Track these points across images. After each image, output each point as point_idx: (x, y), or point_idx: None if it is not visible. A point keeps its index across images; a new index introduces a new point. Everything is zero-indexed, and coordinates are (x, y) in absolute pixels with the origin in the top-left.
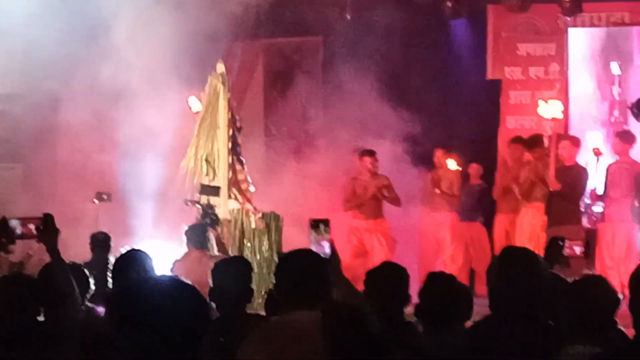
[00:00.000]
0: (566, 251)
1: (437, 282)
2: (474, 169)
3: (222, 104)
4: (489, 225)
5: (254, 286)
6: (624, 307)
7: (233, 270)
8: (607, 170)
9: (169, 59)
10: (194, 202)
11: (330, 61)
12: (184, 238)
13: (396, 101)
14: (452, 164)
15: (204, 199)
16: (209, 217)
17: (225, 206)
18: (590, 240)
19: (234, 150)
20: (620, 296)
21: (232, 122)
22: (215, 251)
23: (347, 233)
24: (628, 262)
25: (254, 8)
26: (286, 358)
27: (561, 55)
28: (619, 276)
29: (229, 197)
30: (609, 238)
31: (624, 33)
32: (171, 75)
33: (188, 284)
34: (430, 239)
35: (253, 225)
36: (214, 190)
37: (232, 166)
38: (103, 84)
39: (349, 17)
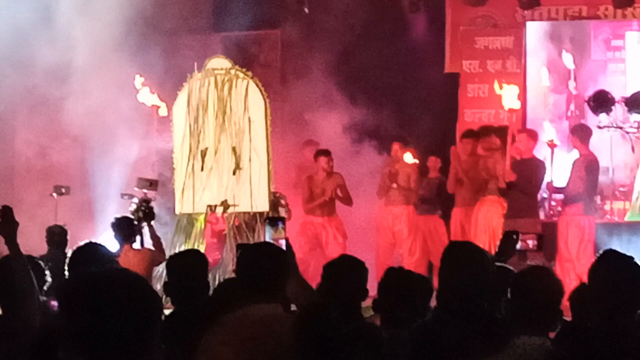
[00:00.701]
0: (520, 244)
1: (395, 276)
2: (432, 162)
3: (257, 100)
4: (447, 218)
5: None
6: None
7: (189, 264)
8: (572, 166)
9: (124, 54)
10: (130, 196)
11: (288, 54)
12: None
13: (355, 94)
14: (408, 158)
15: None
16: (142, 211)
17: (267, 197)
18: (545, 234)
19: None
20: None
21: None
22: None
23: (300, 228)
24: (584, 255)
25: (212, 1)
26: (251, 350)
27: (519, 49)
28: (575, 269)
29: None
30: (566, 231)
31: (581, 27)
32: (127, 71)
33: (139, 277)
34: (386, 232)
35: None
36: (151, 184)
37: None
38: (58, 74)
39: (307, 10)
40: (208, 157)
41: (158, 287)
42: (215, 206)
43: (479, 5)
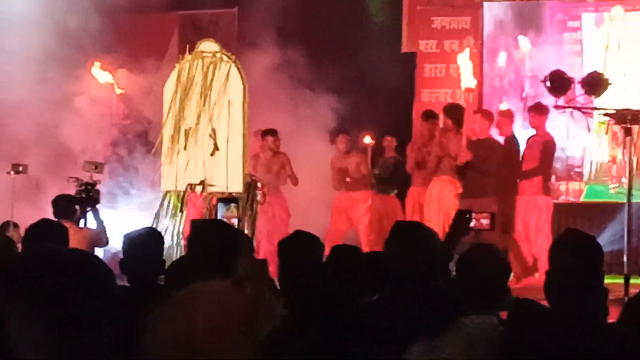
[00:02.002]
0: (473, 224)
1: (341, 254)
2: (388, 141)
3: (237, 83)
4: (403, 197)
5: None
6: None
7: (144, 242)
8: (526, 143)
9: (82, 34)
10: (76, 179)
11: (245, 33)
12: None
13: (311, 75)
14: (366, 139)
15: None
16: (86, 194)
17: (241, 178)
18: (497, 213)
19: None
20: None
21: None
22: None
23: None
24: (540, 234)
25: None
26: (199, 326)
27: (476, 29)
28: (531, 248)
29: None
30: (523, 211)
31: (538, 7)
32: (85, 51)
33: (90, 254)
34: (342, 216)
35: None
36: (96, 167)
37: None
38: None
39: None
40: (191, 137)
41: None
42: (195, 185)
43: None
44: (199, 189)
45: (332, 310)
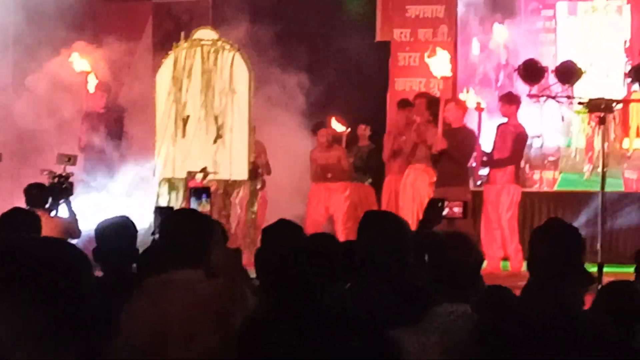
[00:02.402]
0: (446, 212)
1: (318, 242)
2: (362, 130)
3: (242, 71)
4: (378, 185)
5: None
6: None
7: (117, 230)
8: (496, 131)
9: (58, 23)
10: (50, 172)
11: (219, 22)
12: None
13: (286, 62)
14: (339, 127)
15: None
16: (59, 186)
17: (246, 166)
18: (470, 201)
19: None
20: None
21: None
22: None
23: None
24: (510, 223)
25: None
26: (172, 316)
27: (450, 18)
28: (502, 237)
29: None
30: (494, 199)
31: None
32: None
33: (65, 241)
34: (319, 207)
35: (258, 187)
36: (69, 160)
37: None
38: None
39: None
40: (190, 125)
41: None
42: (195, 172)
43: None
44: (199, 176)
45: (306, 299)
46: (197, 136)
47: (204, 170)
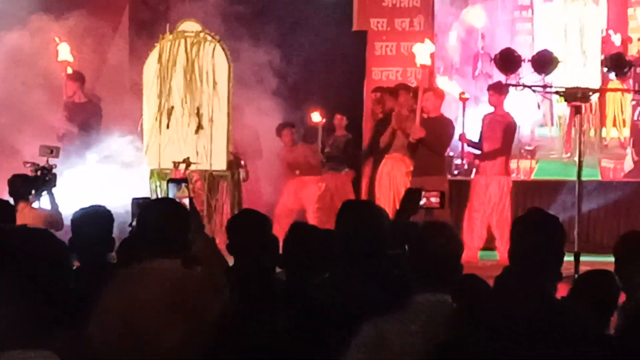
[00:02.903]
0: (423, 202)
1: (299, 231)
2: (339, 119)
3: (222, 63)
4: (356, 175)
5: None
6: None
7: (93, 220)
8: (482, 121)
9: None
10: (33, 164)
11: (197, 12)
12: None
13: (261, 51)
14: (316, 117)
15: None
16: (42, 178)
17: (225, 157)
18: (447, 191)
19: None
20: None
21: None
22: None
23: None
24: (499, 215)
25: None
26: (148, 305)
27: (427, 7)
28: (487, 228)
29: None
30: (482, 190)
31: None
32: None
33: (42, 229)
34: (292, 196)
35: (242, 176)
36: (52, 152)
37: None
38: None
39: None
40: (174, 116)
41: None
42: (179, 163)
43: None
44: (182, 166)
45: (286, 288)
46: (180, 127)
47: (186, 160)
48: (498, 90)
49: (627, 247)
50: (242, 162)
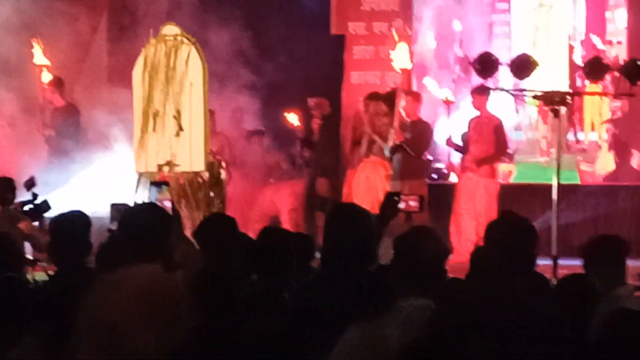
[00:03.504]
0: (402, 206)
1: (271, 234)
2: (317, 124)
3: (197, 64)
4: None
5: None
6: None
7: (71, 224)
8: (469, 125)
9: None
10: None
11: (176, 15)
12: None
13: (241, 54)
14: (293, 118)
15: None
16: (37, 209)
17: (203, 158)
18: (426, 195)
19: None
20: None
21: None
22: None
23: None
24: (487, 217)
25: None
26: (126, 311)
27: (405, 11)
28: (476, 229)
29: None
30: (470, 192)
31: None
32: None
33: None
34: (267, 200)
35: (223, 177)
36: (30, 183)
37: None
38: None
39: None
40: (159, 119)
41: None
42: (162, 165)
43: None
44: (166, 169)
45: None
46: (161, 130)
47: (168, 163)
48: (480, 93)
49: (595, 250)
50: (223, 164)
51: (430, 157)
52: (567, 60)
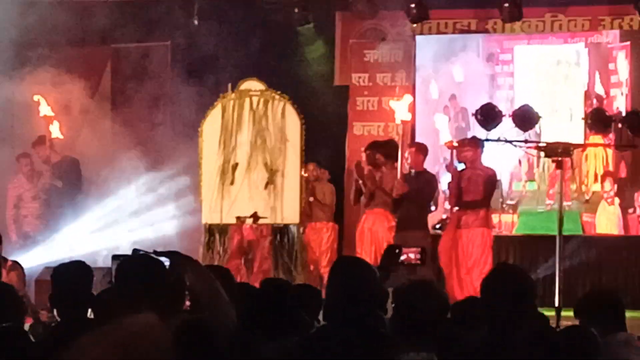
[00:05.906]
0: (403, 258)
1: (271, 287)
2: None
3: (293, 119)
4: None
5: None
6: None
7: (73, 275)
8: (461, 176)
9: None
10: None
11: (177, 65)
12: None
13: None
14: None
15: None
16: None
17: (298, 210)
18: (429, 246)
19: None
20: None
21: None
22: None
23: None
24: (483, 267)
25: (102, 12)
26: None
27: (408, 62)
28: (472, 282)
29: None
30: (465, 243)
31: (470, 40)
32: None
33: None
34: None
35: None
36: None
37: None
38: None
39: (196, 22)
40: (239, 172)
41: None
42: (245, 217)
43: (368, 19)
44: (249, 221)
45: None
46: (246, 183)
47: (254, 215)
48: (474, 145)
49: (586, 307)
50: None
51: (433, 208)
52: (583, 112)
